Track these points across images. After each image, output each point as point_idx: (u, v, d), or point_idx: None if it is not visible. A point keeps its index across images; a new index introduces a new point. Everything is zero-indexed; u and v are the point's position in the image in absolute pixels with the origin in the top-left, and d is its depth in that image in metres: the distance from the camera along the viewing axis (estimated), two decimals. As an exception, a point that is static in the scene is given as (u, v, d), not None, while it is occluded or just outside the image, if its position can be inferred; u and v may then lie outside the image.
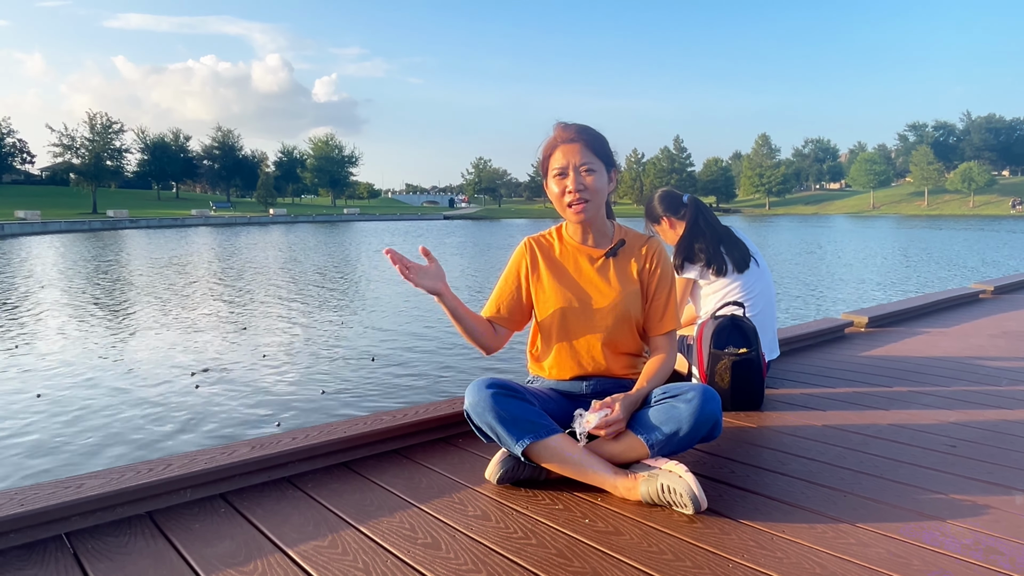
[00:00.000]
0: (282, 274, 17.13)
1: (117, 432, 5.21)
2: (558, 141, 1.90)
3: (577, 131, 1.89)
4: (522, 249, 2.08)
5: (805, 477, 1.92)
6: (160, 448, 4.81)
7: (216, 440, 5.00)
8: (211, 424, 5.34)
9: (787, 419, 2.48)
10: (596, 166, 1.88)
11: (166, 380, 6.59)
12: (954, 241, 30.60)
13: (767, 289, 2.88)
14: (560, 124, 1.93)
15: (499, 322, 2.06)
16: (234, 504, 1.78)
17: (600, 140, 1.91)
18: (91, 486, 1.68)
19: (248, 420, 5.49)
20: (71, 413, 5.65)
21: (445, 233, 42.33)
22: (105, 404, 5.90)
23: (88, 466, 4.53)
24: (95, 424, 5.38)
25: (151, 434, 5.13)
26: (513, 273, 2.08)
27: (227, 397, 6.04)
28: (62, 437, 5.09)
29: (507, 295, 2.07)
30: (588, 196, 1.89)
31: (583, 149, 1.87)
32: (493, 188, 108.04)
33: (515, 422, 1.75)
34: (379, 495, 1.84)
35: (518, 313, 2.07)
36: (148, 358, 7.62)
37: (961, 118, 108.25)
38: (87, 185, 61.39)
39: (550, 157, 1.92)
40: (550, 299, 2.01)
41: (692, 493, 1.63)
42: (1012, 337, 3.96)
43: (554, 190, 1.92)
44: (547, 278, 2.03)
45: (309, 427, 2.13)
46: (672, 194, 2.99)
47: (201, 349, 8.10)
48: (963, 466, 2.00)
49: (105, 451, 4.79)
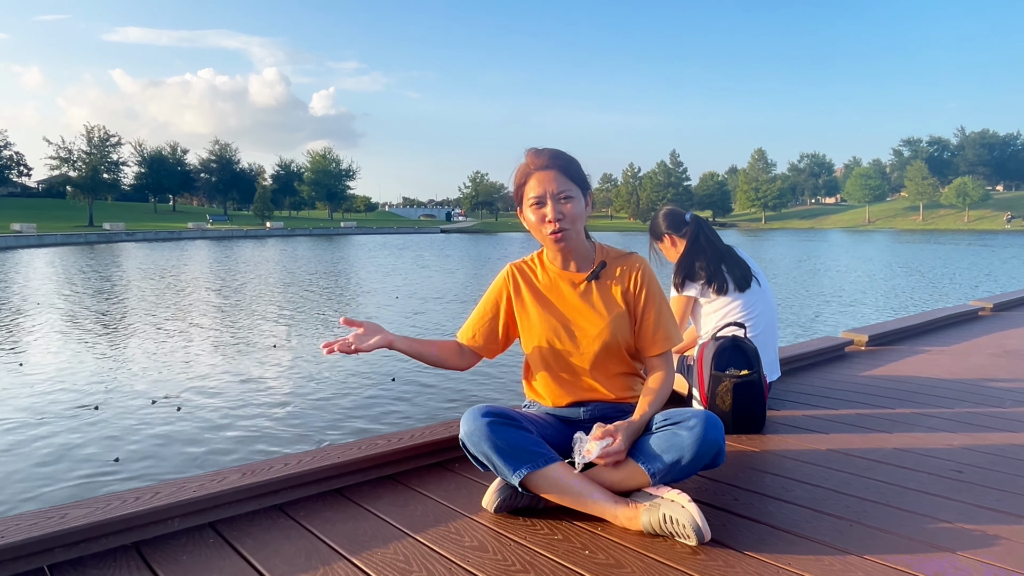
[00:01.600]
0: (277, 289, 17.07)
1: (102, 456, 5.01)
2: (531, 168, 1.86)
3: (551, 157, 1.85)
4: (504, 277, 2.04)
5: (810, 505, 1.87)
6: (145, 476, 4.65)
7: (202, 463, 4.86)
8: (198, 448, 5.15)
9: (790, 442, 2.44)
10: (573, 192, 1.85)
11: (141, 403, 6.40)
12: (951, 256, 30.70)
13: (768, 309, 2.85)
14: (532, 151, 1.89)
15: (472, 347, 2.03)
16: (223, 534, 1.72)
17: (574, 164, 1.88)
18: (75, 516, 1.62)
19: (244, 439, 5.41)
20: (54, 436, 5.43)
21: (442, 247, 42.34)
22: (88, 425, 5.72)
23: (71, 494, 4.33)
24: (79, 448, 5.18)
25: (133, 458, 4.94)
26: (492, 301, 2.04)
27: (216, 419, 5.93)
28: (45, 463, 4.88)
29: (483, 322, 2.04)
30: (567, 225, 1.85)
31: (558, 176, 1.83)
32: (490, 202, 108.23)
33: (512, 451, 1.71)
34: (373, 524, 1.78)
35: (492, 342, 2.04)
36: (131, 377, 7.45)
37: (955, 133, 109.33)
38: (84, 198, 61.30)
39: (524, 185, 1.88)
40: (535, 328, 1.97)
41: (695, 524, 1.59)
42: (1013, 356, 3.93)
43: (531, 219, 1.88)
44: (531, 306, 1.99)
45: (302, 452, 2.08)
46: (675, 212, 2.99)
47: (189, 368, 8.00)
48: (971, 493, 1.96)
49: (89, 478, 4.60)
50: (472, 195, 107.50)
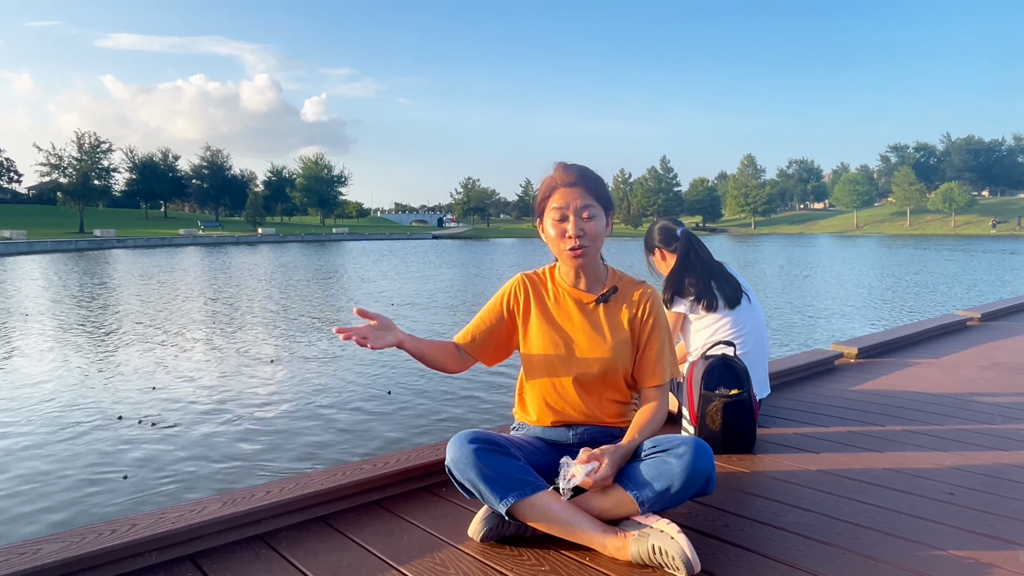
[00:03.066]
0: (267, 298, 16.96)
1: (77, 484, 4.69)
2: (558, 182, 1.85)
3: (579, 174, 1.85)
4: (514, 285, 2.02)
5: (801, 531, 1.85)
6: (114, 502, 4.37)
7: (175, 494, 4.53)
8: (165, 474, 4.85)
9: (780, 462, 2.42)
10: (596, 211, 1.84)
11: (115, 426, 6.12)
12: (940, 262, 30.91)
13: (758, 326, 2.83)
14: (561, 165, 1.88)
15: (469, 350, 2.01)
16: (203, 567, 1.68)
17: (600, 183, 1.87)
18: (48, 551, 1.58)
19: (225, 463, 5.34)
20: (23, 462, 5.11)
21: (434, 252, 42.26)
22: (64, 448, 5.41)
23: (44, 528, 4.06)
24: (52, 476, 4.85)
25: (106, 487, 4.64)
26: (496, 307, 2.02)
27: (197, 440, 5.78)
28: (13, 491, 4.56)
29: (485, 327, 2.01)
30: (587, 243, 1.84)
31: (584, 193, 1.82)
32: (482, 207, 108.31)
33: (499, 479, 1.68)
34: (357, 555, 1.75)
35: (491, 347, 2.02)
36: (101, 393, 7.25)
37: (942, 139, 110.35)
38: (74, 204, 60.88)
39: (548, 198, 1.87)
40: (536, 341, 1.95)
41: (685, 556, 1.56)
42: (1002, 369, 3.94)
43: (551, 233, 1.87)
44: (536, 319, 1.97)
45: (285, 479, 2.04)
46: (667, 227, 2.98)
47: (167, 383, 7.90)
48: (963, 517, 1.94)
49: (62, 508, 4.32)
50: (464, 201, 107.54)
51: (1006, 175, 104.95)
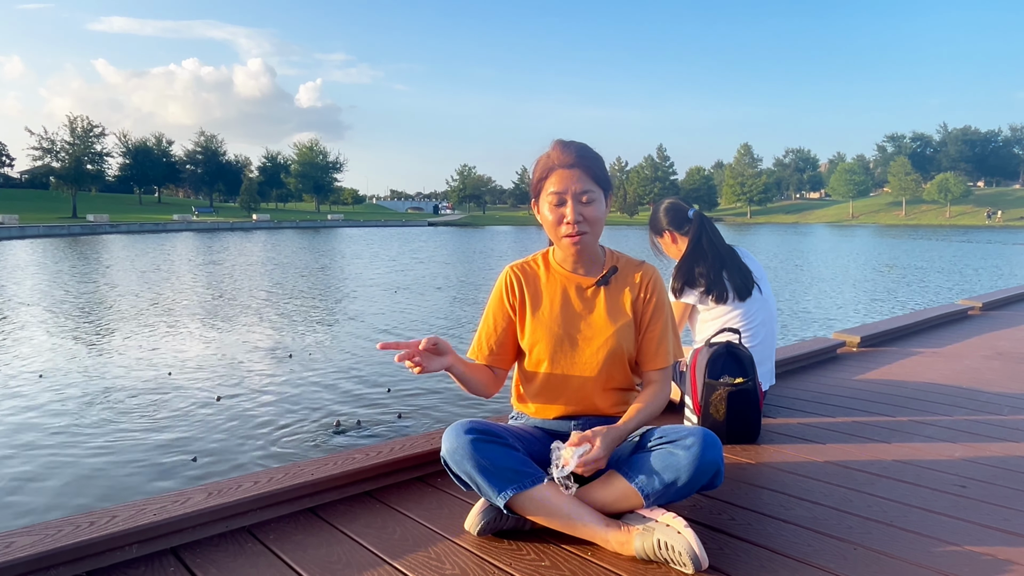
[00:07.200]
0: (263, 285, 16.83)
1: (56, 474, 4.50)
2: (555, 164, 1.74)
3: (577, 155, 1.73)
4: (506, 279, 1.91)
5: (811, 525, 1.78)
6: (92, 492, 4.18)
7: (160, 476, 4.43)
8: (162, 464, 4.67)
9: (786, 453, 2.35)
10: (596, 194, 1.74)
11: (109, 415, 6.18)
12: (937, 251, 30.92)
13: (769, 318, 2.73)
14: (559, 143, 1.77)
15: (493, 364, 1.89)
16: (186, 561, 1.60)
17: (599, 163, 1.76)
18: (21, 544, 1.49)
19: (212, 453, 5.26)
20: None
21: (430, 239, 42.06)
22: (42, 437, 5.21)
23: (17, 519, 3.89)
24: (27, 465, 4.64)
25: (87, 476, 4.44)
26: (501, 306, 1.90)
27: (185, 427, 5.72)
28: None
29: (496, 333, 1.89)
30: (587, 228, 1.74)
31: (583, 176, 1.71)
32: (478, 195, 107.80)
33: (497, 471, 1.60)
34: (347, 548, 1.67)
35: (510, 350, 1.91)
36: (88, 378, 7.18)
37: (938, 130, 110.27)
38: (67, 189, 60.32)
39: (545, 180, 1.75)
40: (535, 333, 1.85)
41: (692, 552, 1.48)
42: (1006, 359, 3.88)
43: (548, 217, 1.76)
44: (532, 310, 1.87)
45: (273, 468, 1.95)
46: (678, 207, 2.82)
47: (165, 369, 7.83)
48: (976, 511, 1.87)
49: (39, 500, 4.14)
50: (460, 188, 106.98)
51: (1002, 166, 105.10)
